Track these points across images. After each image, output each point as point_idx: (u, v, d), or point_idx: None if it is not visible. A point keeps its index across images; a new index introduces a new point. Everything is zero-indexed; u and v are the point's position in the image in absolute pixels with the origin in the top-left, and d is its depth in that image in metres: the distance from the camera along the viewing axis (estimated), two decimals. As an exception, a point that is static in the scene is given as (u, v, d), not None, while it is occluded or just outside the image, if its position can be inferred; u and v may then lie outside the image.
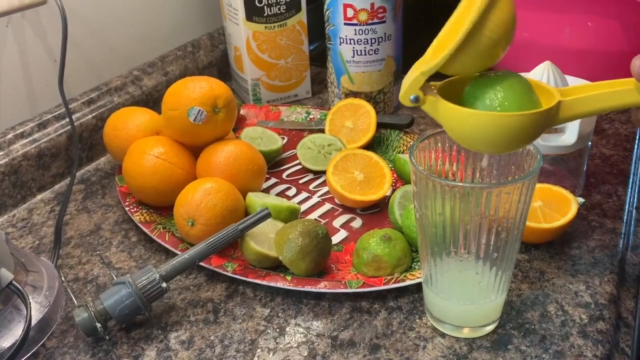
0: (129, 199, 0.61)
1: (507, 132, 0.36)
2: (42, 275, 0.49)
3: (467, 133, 0.37)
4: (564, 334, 0.45)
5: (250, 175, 0.59)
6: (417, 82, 0.37)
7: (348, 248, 0.55)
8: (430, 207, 0.40)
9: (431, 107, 0.37)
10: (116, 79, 0.76)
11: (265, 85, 0.82)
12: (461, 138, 0.38)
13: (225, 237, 0.50)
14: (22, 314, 0.45)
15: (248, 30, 0.77)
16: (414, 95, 0.37)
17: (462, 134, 0.38)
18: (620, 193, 0.60)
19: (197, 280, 0.53)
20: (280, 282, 0.50)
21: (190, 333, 0.48)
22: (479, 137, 0.37)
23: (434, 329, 0.46)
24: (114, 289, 0.47)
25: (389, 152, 0.69)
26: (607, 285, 0.49)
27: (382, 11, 0.70)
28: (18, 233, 0.61)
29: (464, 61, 0.36)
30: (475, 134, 0.37)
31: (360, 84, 0.75)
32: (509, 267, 0.43)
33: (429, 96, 0.37)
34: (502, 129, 0.36)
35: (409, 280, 0.49)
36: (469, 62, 0.36)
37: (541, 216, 0.52)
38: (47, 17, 0.67)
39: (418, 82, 0.37)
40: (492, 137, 0.36)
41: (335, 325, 0.47)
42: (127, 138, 0.63)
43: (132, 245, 0.58)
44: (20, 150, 0.64)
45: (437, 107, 0.37)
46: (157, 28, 0.82)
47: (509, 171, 0.43)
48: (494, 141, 0.37)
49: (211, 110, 0.58)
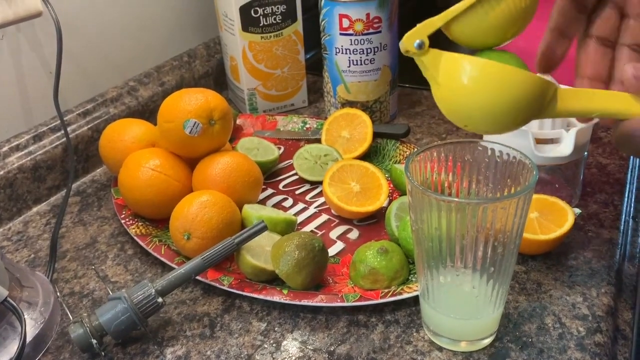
0: (124, 212, 0.61)
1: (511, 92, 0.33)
2: (37, 291, 0.49)
3: (467, 93, 0.34)
4: (562, 347, 0.45)
5: (247, 187, 0.59)
6: (427, 27, 0.34)
7: (345, 260, 0.55)
8: (426, 221, 0.40)
9: (432, 59, 0.34)
10: (112, 90, 0.76)
11: (261, 95, 0.82)
12: (458, 104, 0.34)
13: (221, 251, 0.50)
14: (17, 331, 0.44)
15: (244, 41, 0.77)
16: (420, 40, 0.34)
17: (462, 98, 0.34)
18: (616, 202, 0.60)
19: (193, 294, 0.53)
20: (276, 296, 0.50)
21: (187, 348, 0.47)
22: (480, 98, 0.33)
23: (431, 343, 0.46)
24: (109, 304, 0.47)
25: (385, 162, 0.69)
26: (604, 297, 0.49)
27: (378, 21, 0.70)
28: (13, 246, 0.61)
29: (479, 24, 0.33)
30: (477, 93, 0.33)
31: (357, 94, 0.75)
32: (505, 280, 0.43)
33: (434, 49, 0.34)
34: (509, 86, 0.33)
35: (406, 293, 0.49)
36: (483, 27, 0.34)
37: (538, 227, 0.52)
38: (42, 29, 0.67)
39: (428, 27, 0.34)
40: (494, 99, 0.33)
41: (332, 339, 0.47)
42: (123, 150, 0.63)
43: (128, 258, 0.58)
44: (16, 163, 0.64)
45: (439, 61, 0.34)
46: (152, 38, 0.82)
47: (505, 184, 0.43)
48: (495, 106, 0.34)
49: (207, 122, 0.58)
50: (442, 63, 0.34)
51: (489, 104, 0.33)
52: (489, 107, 0.34)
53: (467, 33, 0.35)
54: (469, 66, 0.33)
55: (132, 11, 0.78)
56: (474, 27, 0.35)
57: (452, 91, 0.34)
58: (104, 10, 0.74)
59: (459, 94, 0.34)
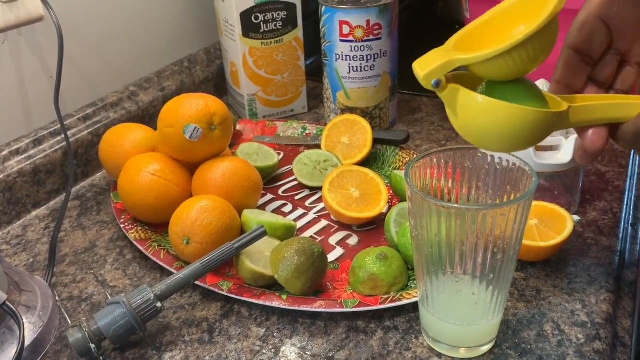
0: (124, 216, 0.61)
1: (524, 126, 0.35)
2: (35, 295, 0.49)
3: (483, 126, 0.36)
4: (561, 354, 0.45)
5: (246, 192, 0.59)
6: (446, 67, 0.35)
7: (344, 266, 0.55)
8: (426, 227, 0.40)
9: (450, 94, 0.36)
10: (112, 95, 0.76)
11: (261, 101, 0.82)
12: (474, 132, 0.37)
13: (221, 256, 0.50)
14: (15, 335, 0.44)
15: (244, 47, 0.77)
16: (437, 80, 0.35)
17: (477, 127, 0.36)
18: (615, 210, 0.60)
19: (192, 299, 0.53)
20: (275, 302, 0.49)
21: (185, 353, 0.47)
22: (495, 130, 0.35)
23: (430, 349, 0.46)
24: (108, 308, 0.47)
25: (385, 168, 0.69)
26: (603, 304, 0.49)
27: (378, 28, 0.70)
28: (12, 250, 0.61)
29: (499, 65, 0.34)
30: (491, 127, 0.35)
31: (357, 100, 0.75)
32: (505, 287, 0.43)
33: (451, 84, 0.36)
34: (520, 123, 0.35)
35: (405, 299, 0.49)
36: (503, 68, 0.34)
37: (537, 234, 0.52)
38: (43, 34, 0.67)
39: (447, 67, 0.35)
40: (508, 132, 0.35)
41: (331, 345, 0.47)
42: (122, 154, 0.63)
43: (127, 263, 0.58)
44: (16, 167, 0.64)
45: (456, 96, 0.36)
46: (153, 43, 0.83)
47: (504, 191, 0.43)
48: (508, 136, 0.36)
49: (207, 127, 0.58)
50: (459, 98, 0.36)
51: (502, 136, 0.36)
52: (502, 138, 0.36)
53: (487, 74, 0.36)
54: (483, 106, 0.35)
55: (133, 16, 0.79)
56: (495, 71, 0.35)
57: (469, 124, 0.37)
58: (105, 15, 0.75)
59: (475, 127, 0.37)
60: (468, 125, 0.37)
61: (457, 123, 0.37)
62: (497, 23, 0.36)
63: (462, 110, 0.36)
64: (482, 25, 0.37)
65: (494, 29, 0.36)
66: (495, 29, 0.36)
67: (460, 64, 0.35)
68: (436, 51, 0.36)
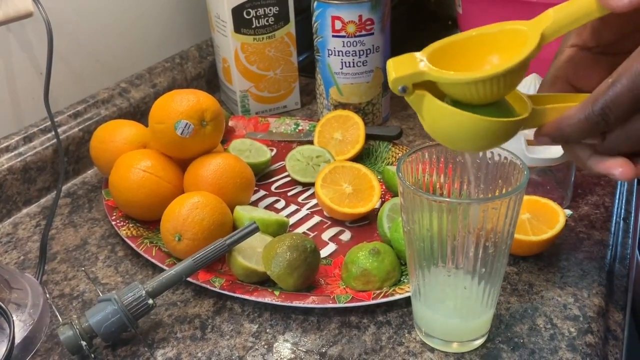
0: (115, 213, 0.61)
1: (485, 133, 0.37)
2: (26, 293, 0.48)
3: (447, 130, 0.38)
4: (553, 347, 0.45)
5: (239, 188, 0.59)
6: (415, 78, 0.37)
7: (337, 261, 0.55)
8: (418, 221, 0.40)
9: (416, 99, 0.38)
10: (103, 92, 0.76)
11: (253, 97, 0.82)
12: (440, 134, 0.39)
13: (213, 252, 0.49)
14: (5, 333, 0.44)
15: (236, 42, 0.77)
16: (404, 86, 0.37)
17: (442, 130, 0.38)
18: (607, 204, 0.60)
19: (184, 296, 0.52)
20: (268, 298, 0.49)
21: (178, 350, 0.47)
22: (459, 135, 0.37)
23: (423, 344, 0.46)
24: (99, 305, 0.46)
25: (377, 164, 0.69)
26: (595, 298, 0.49)
27: (370, 23, 0.70)
28: (3, 248, 0.60)
29: (467, 91, 0.36)
30: (455, 131, 0.37)
31: (349, 96, 0.75)
32: (497, 281, 0.43)
33: (417, 90, 0.37)
34: (482, 130, 0.37)
35: (398, 294, 0.49)
36: (472, 94, 0.36)
37: (529, 229, 0.52)
38: (32, 30, 0.67)
39: (415, 78, 0.37)
40: (471, 137, 0.37)
41: (324, 340, 0.47)
42: (114, 151, 0.63)
43: (119, 260, 0.58)
44: (6, 164, 0.64)
45: (422, 101, 0.37)
46: (144, 40, 0.82)
47: (496, 185, 0.43)
48: (472, 140, 0.37)
49: (198, 123, 0.58)
50: (425, 103, 0.37)
51: (465, 139, 0.38)
52: (466, 141, 0.38)
53: (452, 94, 0.38)
54: (445, 113, 0.37)
55: (124, 12, 0.78)
56: (459, 93, 0.37)
57: (434, 127, 0.38)
58: (95, 11, 0.74)
59: (440, 130, 0.38)
60: (434, 127, 0.38)
61: (424, 124, 0.39)
62: (475, 45, 0.38)
63: (427, 114, 0.38)
64: (461, 43, 0.38)
65: (471, 50, 0.38)
66: (471, 50, 0.38)
67: (429, 78, 0.36)
68: (411, 56, 0.37)
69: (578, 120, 0.36)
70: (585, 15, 0.35)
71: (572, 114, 0.37)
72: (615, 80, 0.34)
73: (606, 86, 0.35)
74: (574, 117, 0.36)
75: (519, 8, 0.69)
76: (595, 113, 0.35)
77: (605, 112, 0.35)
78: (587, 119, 0.36)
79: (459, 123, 0.36)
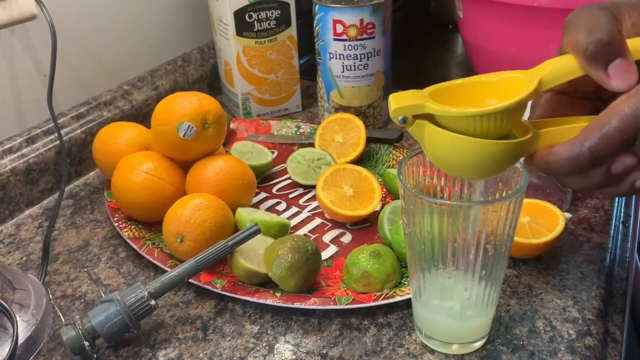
0: (117, 215, 0.61)
1: (486, 157, 0.37)
2: (29, 293, 0.49)
3: (449, 156, 0.38)
4: (552, 349, 0.45)
5: (240, 190, 0.59)
6: (416, 109, 0.38)
7: (338, 263, 0.55)
8: (418, 224, 0.40)
9: (417, 129, 0.38)
10: (105, 94, 0.76)
11: (255, 100, 0.82)
12: (442, 161, 0.39)
13: (215, 253, 0.50)
14: (8, 333, 0.44)
15: (238, 45, 0.77)
16: (404, 117, 0.38)
17: (444, 157, 0.39)
18: (606, 207, 0.60)
19: (186, 297, 0.53)
20: (269, 299, 0.50)
21: (179, 351, 0.47)
22: (460, 161, 0.38)
23: (423, 346, 0.46)
24: (102, 306, 0.47)
25: (378, 167, 0.69)
26: (594, 301, 0.49)
27: (372, 27, 0.71)
28: (5, 249, 0.60)
29: (465, 125, 0.37)
30: (456, 157, 0.38)
31: (350, 99, 0.75)
32: (497, 283, 0.43)
33: (418, 120, 0.38)
34: (483, 154, 0.37)
35: (399, 296, 0.49)
36: (470, 129, 0.37)
37: (529, 231, 0.53)
38: (36, 32, 0.67)
39: (416, 110, 0.38)
40: (472, 162, 0.38)
41: (324, 342, 0.47)
42: (116, 153, 0.63)
43: (121, 261, 0.58)
44: (9, 166, 0.64)
45: (423, 130, 0.38)
46: (146, 42, 0.83)
47: (496, 188, 0.43)
48: (474, 166, 0.38)
49: (201, 125, 0.58)
50: (426, 132, 0.38)
51: (468, 166, 0.38)
52: (469, 168, 0.39)
53: (451, 128, 0.38)
54: (446, 140, 0.37)
55: (127, 15, 0.79)
56: (457, 127, 0.37)
57: (436, 155, 0.39)
58: (98, 14, 0.74)
59: (442, 158, 0.39)
60: (436, 155, 0.39)
61: (427, 153, 0.40)
62: (476, 89, 0.39)
63: (429, 142, 0.39)
64: (462, 86, 0.39)
65: (471, 93, 0.39)
66: (472, 93, 0.39)
67: (429, 111, 0.37)
68: (413, 92, 0.39)
69: (567, 158, 0.37)
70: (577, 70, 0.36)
71: (561, 150, 0.37)
72: (605, 122, 0.35)
73: (596, 126, 0.35)
74: (562, 154, 0.37)
75: (518, 12, 0.69)
76: (584, 153, 0.36)
77: (594, 154, 0.36)
78: (575, 158, 0.36)
79: (460, 148, 0.37)
